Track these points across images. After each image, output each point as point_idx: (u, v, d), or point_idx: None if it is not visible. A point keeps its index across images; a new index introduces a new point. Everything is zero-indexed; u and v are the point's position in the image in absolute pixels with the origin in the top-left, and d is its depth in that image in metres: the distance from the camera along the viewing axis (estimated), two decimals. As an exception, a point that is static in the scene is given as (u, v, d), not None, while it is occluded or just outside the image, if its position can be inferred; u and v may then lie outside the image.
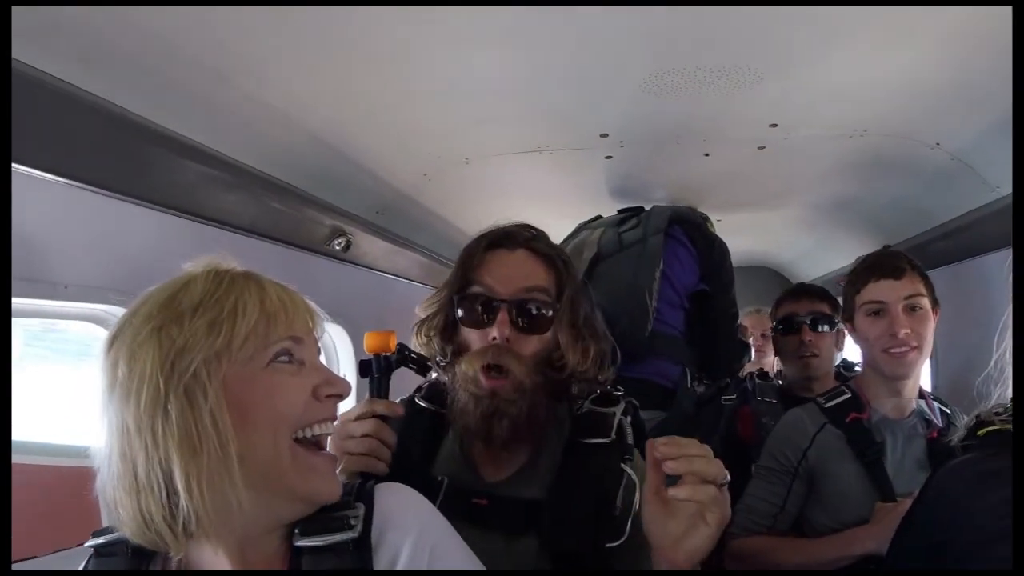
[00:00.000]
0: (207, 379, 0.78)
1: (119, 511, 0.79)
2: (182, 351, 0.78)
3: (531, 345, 1.26)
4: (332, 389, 0.89)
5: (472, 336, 1.27)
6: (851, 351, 2.40)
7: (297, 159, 1.77)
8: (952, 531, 0.81)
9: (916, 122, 1.90)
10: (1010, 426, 0.85)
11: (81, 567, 0.90)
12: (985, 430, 0.88)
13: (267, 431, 0.81)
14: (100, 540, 0.89)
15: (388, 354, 1.28)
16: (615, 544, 1.19)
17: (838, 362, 2.54)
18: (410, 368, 1.32)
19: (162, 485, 0.77)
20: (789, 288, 2.63)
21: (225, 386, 0.80)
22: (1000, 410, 0.90)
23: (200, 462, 0.76)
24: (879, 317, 1.79)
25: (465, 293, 1.29)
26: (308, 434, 0.86)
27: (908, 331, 1.74)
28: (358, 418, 1.20)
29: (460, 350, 1.29)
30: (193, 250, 0.90)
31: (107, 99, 1.22)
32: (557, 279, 1.31)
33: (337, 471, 1.04)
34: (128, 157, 1.34)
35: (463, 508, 1.23)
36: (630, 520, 1.19)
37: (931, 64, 1.55)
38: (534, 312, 1.26)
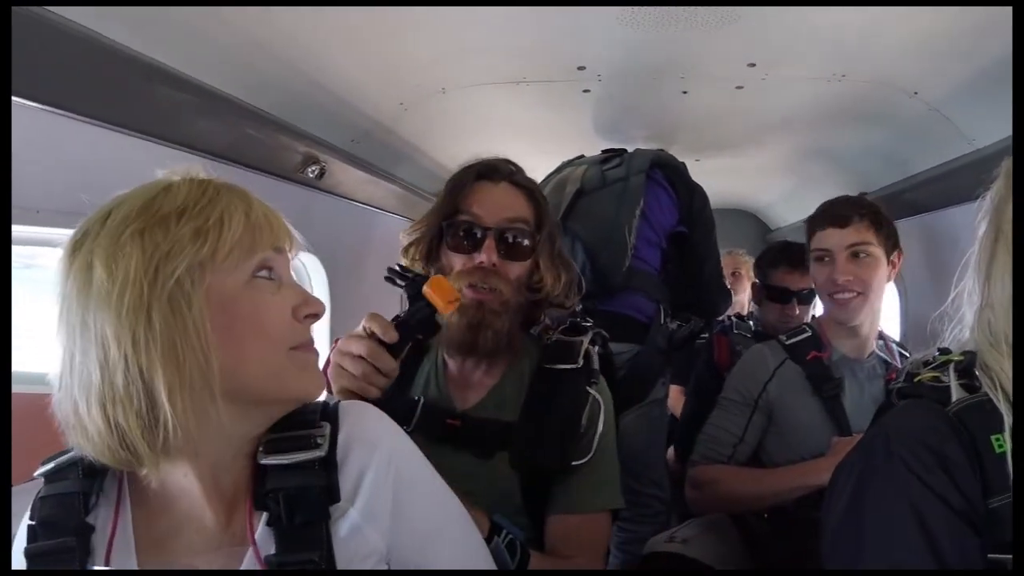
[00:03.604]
0: (191, 288, 0.75)
1: (87, 426, 0.75)
2: (167, 256, 0.75)
3: (514, 270, 1.35)
4: (309, 308, 0.87)
5: (456, 260, 1.36)
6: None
7: (272, 85, 1.74)
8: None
9: (895, 70, 1.89)
10: (934, 374, 0.90)
11: (32, 498, 0.87)
12: (917, 378, 0.92)
13: (256, 349, 0.80)
14: (49, 466, 0.87)
15: (434, 312, 1.18)
16: (582, 461, 1.29)
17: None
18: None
19: (142, 396, 0.74)
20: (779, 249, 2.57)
21: (207, 297, 0.77)
22: (929, 359, 0.94)
23: (183, 373, 0.74)
24: (825, 264, 1.86)
25: (453, 220, 1.37)
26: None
27: (849, 278, 1.81)
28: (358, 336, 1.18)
29: (444, 272, 1.36)
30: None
31: (79, 23, 1.18)
32: (536, 212, 1.40)
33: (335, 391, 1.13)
34: (100, 81, 1.30)
35: (437, 427, 1.33)
36: (596, 439, 1.31)
37: (912, 12, 1.54)
38: (516, 240, 1.35)
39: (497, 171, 1.41)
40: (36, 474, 0.87)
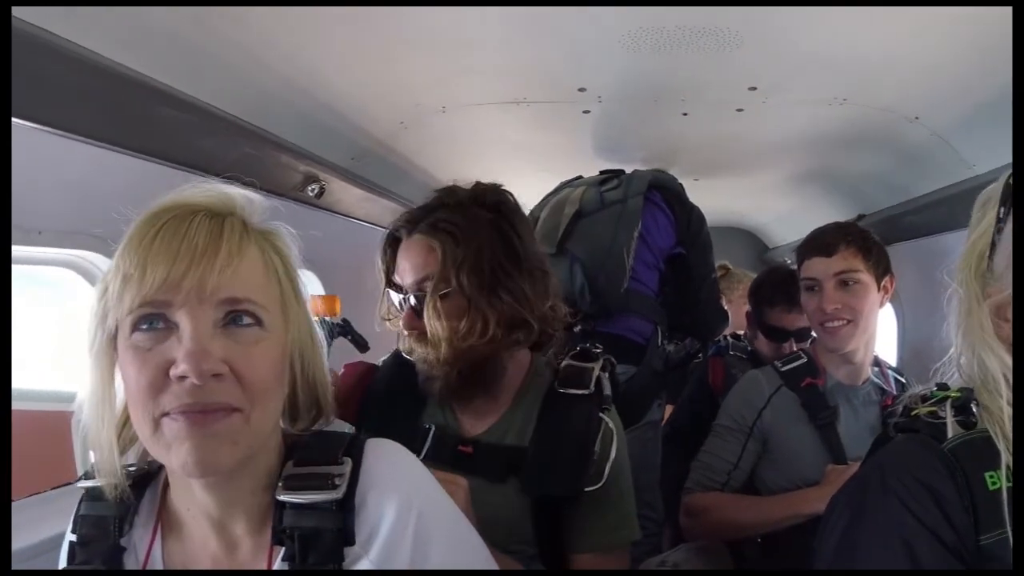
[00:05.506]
0: (109, 340, 0.78)
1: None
2: (106, 309, 0.78)
3: (444, 326, 1.25)
4: (176, 370, 0.72)
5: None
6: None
7: (273, 105, 1.74)
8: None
9: (896, 95, 1.90)
10: (931, 409, 0.90)
11: (74, 509, 0.91)
12: (914, 412, 0.92)
13: (134, 416, 0.77)
14: (92, 483, 0.87)
15: (332, 319, 1.23)
16: (594, 488, 1.26)
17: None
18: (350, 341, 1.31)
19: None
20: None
21: (118, 350, 0.77)
22: (927, 394, 0.93)
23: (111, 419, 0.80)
24: (813, 293, 1.86)
25: (387, 287, 1.37)
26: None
27: (838, 306, 1.80)
28: None
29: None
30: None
31: (80, 44, 1.18)
32: (452, 255, 1.26)
33: None
34: (102, 102, 1.30)
35: (448, 455, 1.31)
36: (608, 466, 1.27)
37: (915, 41, 1.55)
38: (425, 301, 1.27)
39: (408, 222, 1.32)
40: (80, 485, 0.91)
